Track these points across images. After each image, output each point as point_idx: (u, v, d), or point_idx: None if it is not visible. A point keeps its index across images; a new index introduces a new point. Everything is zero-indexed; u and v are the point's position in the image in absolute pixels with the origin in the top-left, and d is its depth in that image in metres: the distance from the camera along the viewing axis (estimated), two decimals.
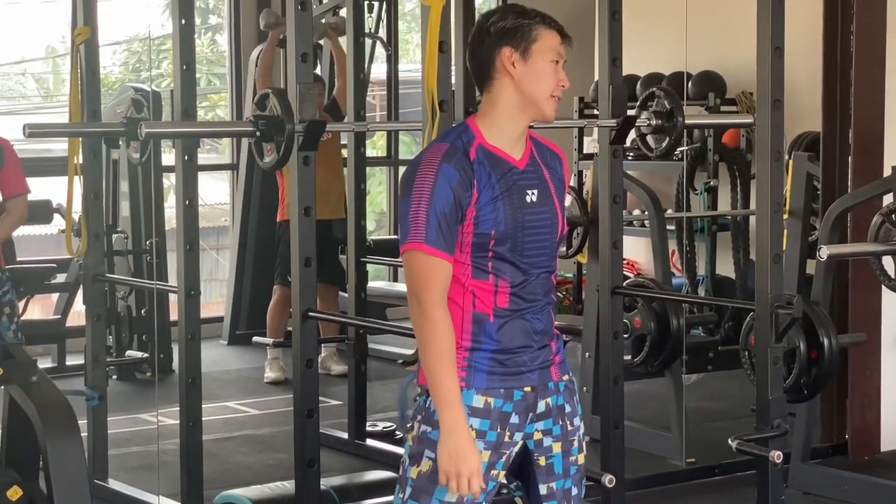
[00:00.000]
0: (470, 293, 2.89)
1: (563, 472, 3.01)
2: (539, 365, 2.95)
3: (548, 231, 2.94)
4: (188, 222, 4.73)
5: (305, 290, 4.35)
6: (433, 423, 2.88)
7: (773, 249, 4.36)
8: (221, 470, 5.70)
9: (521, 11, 2.93)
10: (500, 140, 2.91)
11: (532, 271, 2.92)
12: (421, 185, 2.82)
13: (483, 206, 2.85)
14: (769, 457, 4.23)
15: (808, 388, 4.92)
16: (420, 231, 2.81)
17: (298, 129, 4.17)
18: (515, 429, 2.93)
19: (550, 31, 2.91)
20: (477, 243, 2.86)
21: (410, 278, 2.85)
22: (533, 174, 2.94)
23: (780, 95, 4.33)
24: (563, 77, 2.93)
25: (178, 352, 4.83)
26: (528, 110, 2.93)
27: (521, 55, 2.89)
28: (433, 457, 2.87)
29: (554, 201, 2.97)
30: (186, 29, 4.71)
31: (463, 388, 2.86)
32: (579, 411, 3.06)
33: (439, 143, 2.89)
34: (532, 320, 2.93)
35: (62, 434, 3.26)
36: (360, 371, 6.03)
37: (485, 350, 2.90)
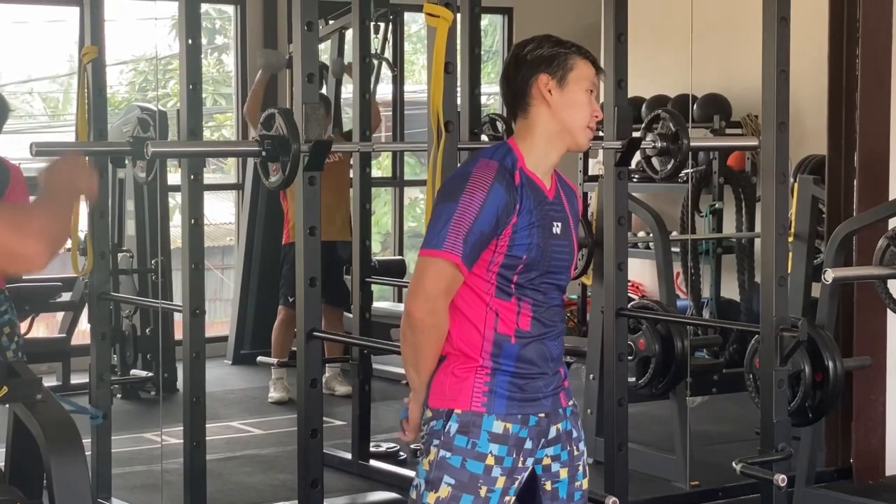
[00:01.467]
0: (493, 312, 2.92)
1: (567, 498, 3.02)
2: (552, 391, 2.98)
3: (566, 263, 3.00)
4: (193, 241, 4.74)
5: (310, 310, 4.35)
6: (453, 449, 2.90)
7: (777, 272, 4.36)
8: (225, 490, 5.70)
9: (558, 41, 2.98)
10: (536, 167, 2.96)
11: (550, 299, 2.97)
12: (470, 199, 2.85)
13: (520, 230, 2.88)
14: (773, 480, 4.22)
15: (812, 411, 4.91)
16: (458, 245, 2.84)
17: (304, 149, 4.18)
18: (528, 454, 2.94)
19: (586, 61, 2.97)
20: (506, 264, 2.90)
21: (431, 283, 2.86)
22: (559, 206, 2.99)
23: (786, 118, 4.34)
24: (597, 108, 2.98)
25: (183, 371, 4.83)
26: (563, 137, 2.96)
27: (557, 83, 2.93)
28: (452, 483, 2.89)
29: (572, 235, 3.02)
30: (193, 49, 4.72)
31: (483, 413, 2.89)
32: (583, 435, 3.09)
33: (489, 159, 2.91)
34: (550, 346, 2.97)
35: (66, 452, 3.26)
36: (365, 391, 6.02)
37: (505, 372, 2.92)
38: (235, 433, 6.89)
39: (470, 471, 2.89)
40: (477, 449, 2.89)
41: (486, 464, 2.89)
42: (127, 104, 9.67)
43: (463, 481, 2.89)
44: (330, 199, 6.67)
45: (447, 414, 2.91)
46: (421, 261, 2.88)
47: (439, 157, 3.83)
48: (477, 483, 2.89)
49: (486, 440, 2.88)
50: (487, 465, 2.89)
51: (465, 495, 2.89)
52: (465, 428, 2.90)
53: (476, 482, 2.89)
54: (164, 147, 4.91)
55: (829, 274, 4.83)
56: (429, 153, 3.91)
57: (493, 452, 2.89)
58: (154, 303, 6.77)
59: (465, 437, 2.90)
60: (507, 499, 2.93)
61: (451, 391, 2.93)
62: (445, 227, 2.84)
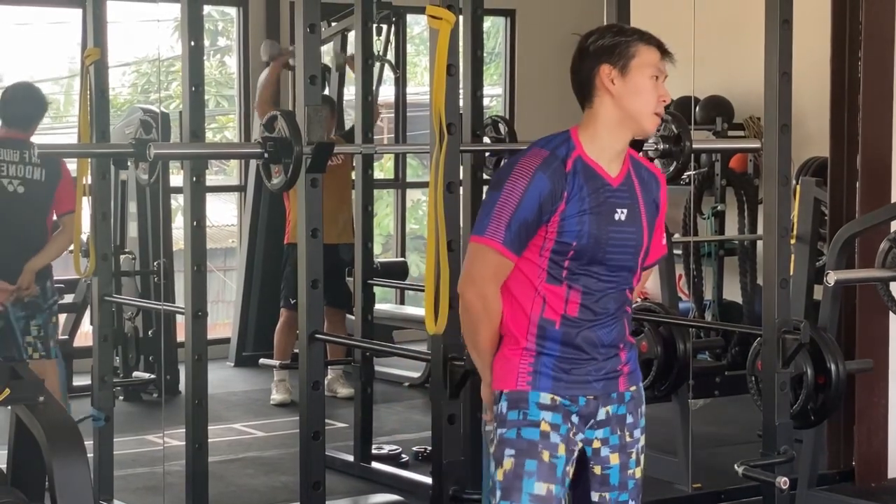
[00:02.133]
0: (541, 297, 2.96)
1: (620, 485, 3.05)
2: (604, 375, 3.00)
3: (631, 250, 2.99)
4: (196, 243, 4.74)
5: (312, 312, 4.35)
6: (507, 423, 2.96)
7: (780, 274, 4.36)
8: (227, 492, 5.69)
9: (620, 30, 3.00)
10: (599, 154, 2.97)
11: (608, 287, 2.97)
12: (513, 187, 2.91)
13: (569, 216, 2.91)
14: (776, 483, 4.21)
15: (814, 413, 4.90)
16: (500, 230, 2.91)
17: (306, 151, 4.18)
18: (578, 429, 2.98)
19: (649, 47, 2.97)
20: (557, 250, 2.93)
21: (478, 268, 2.95)
22: (625, 193, 2.99)
23: (788, 120, 4.33)
24: (664, 92, 2.98)
25: (185, 373, 4.83)
26: (628, 125, 2.98)
27: (619, 72, 2.95)
28: (512, 453, 2.95)
29: (642, 222, 3.01)
30: (196, 51, 4.73)
31: (529, 390, 2.95)
32: (642, 424, 3.09)
33: (540, 148, 2.97)
34: (599, 333, 2.98)
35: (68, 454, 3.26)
36: (367, 394, 6.02)
37: (549, 356, 2.96)
38: (238, 435, 6.89)
39: (527, 438, 2.95)
40: (529, 417, 2.95)
41: (542, 430, 2.95)
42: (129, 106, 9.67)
43: (522, 448, 2.95)
44: (332, 201, 6.67)
45: (498, 395, 3.00)
46: (469, 246, 2.98)
47: (441, 159, 3.83)
48: (537, 448, 2.94)
49: (536, 409, 2.95)
50: (543, 430, 2.95)
51: (528, 461, 2.94)
52: (514, 404, 2.97)
53: (536, 447, 2.94)
54: (167, 149, 4.92)
55: (831, 276, 4.83)
56: (431, 155, 3.91)
57: (545, 419, 2.95)
58: (156, 305, 6.76)
59: (515, 411, 2.97)
60: (569, 469, 2.98)
61: (501, 372, 3.01)
62: (489, 214, 2.93)
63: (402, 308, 9.09)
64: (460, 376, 3.92)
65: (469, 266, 2.97)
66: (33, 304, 5.63)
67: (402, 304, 9.42)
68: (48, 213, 5.71)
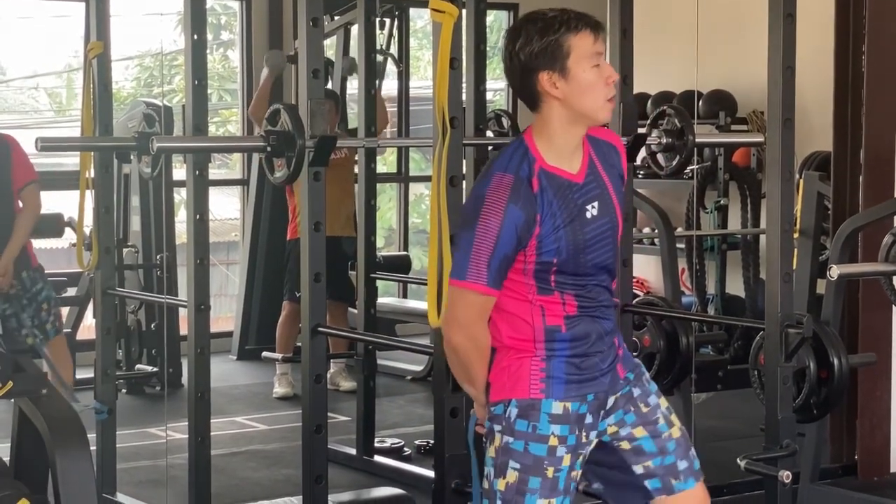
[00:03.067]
0: (538, 307, 2.93)
1: (660, 451, 3.04)
2: (609, 367, 2.99)
3: (609, 238, 2.96)
4: (199, 236, 4.74)
5: (315, 306, 4.35)
6: (515, 434, 2.92)
7: (783, 268, 4.35)
8: (229, 485, 5.70)
9: (543, 26, 2.83)
10: (558, 158, 2.90)
11: (595, 278, 2.96)
12: (486, 224, 2.82)
13: (545, 236, 2.86)
14: (778, 476, 4.21)
15: (817, 407, 4.90)
16: (482, 273, 2.83)
17: (309, 144, 4.18)
18: (590, 428, 2.97)
19: (579, 34, 2.82)
20: (539, 269, 2.90)
21: (462, 312, 2.88)
22: (592, 184, 2.93)
23: (791, 114, 4.33)
24: (609, 73, 2.86)
25: (188, 366, 4.83)
26: (580, 122, 2.90)
27: (560, 75, 2.83)
28: (518, 467, 2.92)
29: (614, 204, 2.97)
30: (198, 44, 4.72)
31: (542, 399, 2.91)
32: (652, 389, 3.08)
33: (503, 173, 2.85)
34: (601, 320, 2.98)
35: (71, 447, 3.26)
36: (369, 387, 6.02)
37: (560, 356, 2.93)
38: (240, 428, 6.89)
39: (533, 454, 2.92)
40: (538, 432, 2.91)
41: (550, 445, 2.92)
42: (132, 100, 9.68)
43: (528, 464, 2.92)
44: (335, 195, 6.67)
45: (507, 402, 2.94)
46: (450, 290, 2.90)
47: (444, 153, 3.83)
48: (542, 465, 2.91)
49: (547, 422, 2.91)
50: (551, 446, 2.92)
51: (531, 478, 2.91)
52: (524, 413, 2.92)
53: (541, 464, 2.91)
54: (170, 142, 4.91)
55: (834, 270, 4.82)
56: (434, 149, 3.91)
57: (555, 433, 2.91)
58: (159, 298, 6.77)
59: (525, 422, 2.92)
60: (574, 474, 2.96)
61: (509, 382, 2.95)
62: (467, 256, 2.84)
63: (404, 302, 9.11)
64: None
65: (453, 310, 2.89)
66: (15, 299, 5.60)
67: (404, 298, 9.43)
68: (12, 195, 5.64)
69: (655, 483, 3.06)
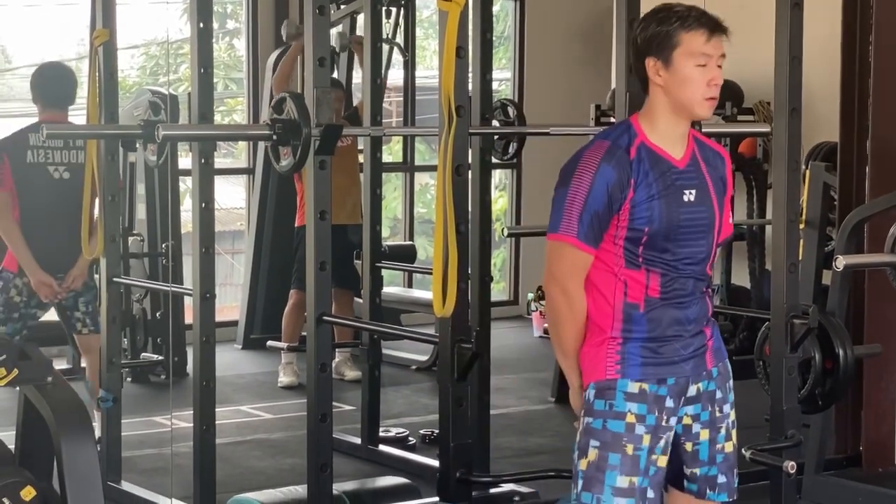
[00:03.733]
0: (622, 282, 2.97)
1: (709, 460, 3.08)
2: (692, 353, 3.01)
3: (704, 229, 3.01)
4: (204, 225, 4.74)
5: (320, 294, 4.35)
6: (594, 413, 2.98)
7: (788, 259, 4.35)
8: (234, 474, 5.71)
9: (663, 17, 2.96)
10: (661, 139, 2.98)
11: (685, 267, 2.99)
12: (580, 181, 2.92)
13: (638, 203, 2.92)
14: (783, 467, 4.21)
15: (822, 398, 4.90)
16: (573, 225, 2.92)
17: (315, 133, 4.18)
18: (671, 413, 3.00)
19: (691, 33, 2.94)
20: (630, 237, 2.95)
21: (556, 265, 2.97)
22: (692, 174, 3.00)
23: (798, 104, 4.32)
24: (714, 76, 2.96)
25: (193, 355, 4.83)
26: (681, 113, 2.99)
27: (663, 64, 2.95)
28: (598, 445, 2.97)
29: (712, 200, 3.03)
30: (204, 32, 4.72)
31: (617, 379, 2.96)
32: (730, 398, 3.12)
33: (602, 140, 2.98)
34: (684, 309, 2.99)
35: (76, 435, 3.27)
36: (374, 376, 6.03)
37: (636, 339, 2.97)
38: (245, 417, 6.90)
39: (612, 430, 2.96)
40: (615, 409, 2.96)
41: (627, 422, 2.96)
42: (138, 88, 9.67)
43: (607, 441, 2.97)
44: (341, 183, 6.66)
45: (586, 386, 3.01)
46: (547, 246, 3.00)
47: (450, 142, 3.83)
48: (621, 441, 2.96)
49: (623, 399, 2.96)
50: (629, 423, 2.96)
51: (611, 454, 2.96)
52: (601, 392, 2.98)
53: (620, 440, 2.96)
54: (176, 130, 4.91)
55: (840, 261, 4.82)
56: (440, 138, 3.90)
57: (632, 411, 2.95)
58: (164, 286, 6.77)
59: (602, 401, 2.98)
60: (655, 457, 2.99)
61: (588, 368, 3.01)
62: (560, 210, 2.94)
63: (409, 291, 9.11)
64: (468, 359, 3.91)
65: (549, 264, 2.99)
66: None
67: (410, 287, 9.43)
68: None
69: (692, 486, 3.12)
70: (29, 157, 5.52)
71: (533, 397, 7.41)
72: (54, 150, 5.54)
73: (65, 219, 5.56)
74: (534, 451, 6.24)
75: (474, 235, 5.29)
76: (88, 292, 5.73)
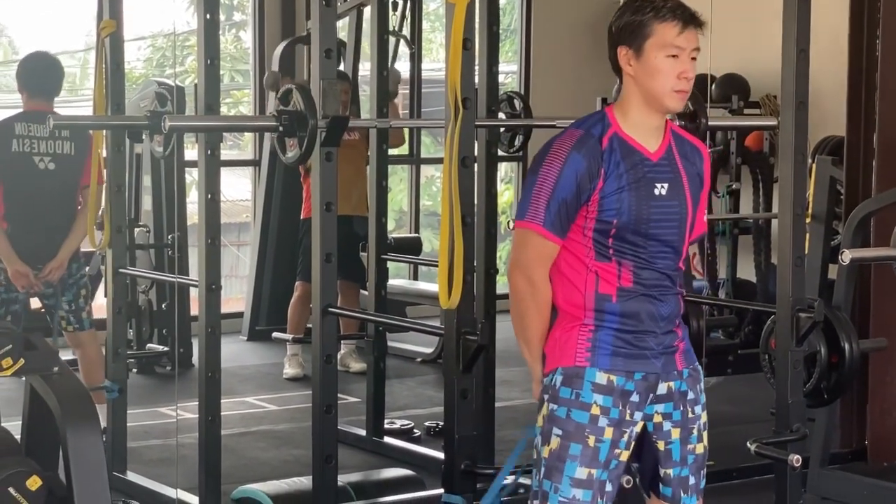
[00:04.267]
0: (593, 273, 2.96)
1: (681, 461, 3.07)
2: (663, 350, 2.99)
3: (675, 224, 2.98)
4: (210, 216, 4.74)
5: (326, 286, 4.35)
6: (559, 401, 2.96)
7: (794, 252, 4.34)
8: (239, 465, 5.72)
9: (638, 6, 2.94)
10: (635, 131, 2.96)
11: (655, 261, 2.97)
12: (548, 169, 2.91)
13: (607, 194, 2.91)
14: (788, 461, 4.21)
15: (828, 392, 4.89)
16: (539, 213, 2.91)
17: (321, 124, 4.17)
18: (635, 407, 2.97)
19: (665, 23, 2.90)
20: (599, 229, 2.93)
21: (521, 253, 2.96)
22: (666, 167, 2.98)
23: (805, 98, 4.31)
24: (686, 69, 2.92)
25: (199, 346, 4.84)
26: (652, 104, 2.97)
27: (634, 53, 2.93)
28: (560, 433, 2.95)
29: (686, 195, 3.00)
30: (211, 24, 4.72)
31: (586, 367, 2.94)
32: (702, 400, 3.10)
33: (575, 129, 2.96)
34: (657, 304, 2.97)
35: (82, 425, 3.27)
36: (379, 368, 6.03)
37: (608, 328, 2.95)
38: (250, 409, 6.91)
39: (575, 420, 2.95)
40: (581, 399, 2.95)
41: (592, 413, 2.94)
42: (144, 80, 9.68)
43: (569, 431, 2.95)
44: (347, 175, 6.66)
45: (553, 370, 2.98)
46: (514, 233, 2.99)
47: (456, 134, 3.83)
48: (583, 432, 2.94)
49: (590, 390, 2.94)
50: (593, 414, 2.94)
51: (573, 444, 2.95)
52: (568, 380, 2.96)
53: (582, 431, 2.94)
54: (182, 121, 4.91)
55: (846, 255, 4.81)
56: (446, 129, 3.90)
57: (597, 402, 2.94)
58: (170, 277, 6.77)
59: (568, 389, 2.96)
60: (618, 451, 2.97)
61: (558, 352, 2.99)
62: (528, 198, 2.93)
63: (415, 284, 9.10)
64: (473, 351, 3.91)
65: (514, 251, 2.98)
66: (59, 282, 5.62)
67: (415, 280, 9.43)
68: (77, 189, 5.67)
69: (667, 490, 3.10)
70: (14, 146, 5.50)
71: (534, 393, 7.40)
72: (39, 140, 5.50)
73: (48, 210, 5.54)
74: None
75: (480, 228, 5.29)
76: (69, 290, 5.69)
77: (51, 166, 5.55)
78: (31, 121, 5.49)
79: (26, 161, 5.50)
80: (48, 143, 5.52)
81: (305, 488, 4.63)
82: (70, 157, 5.54)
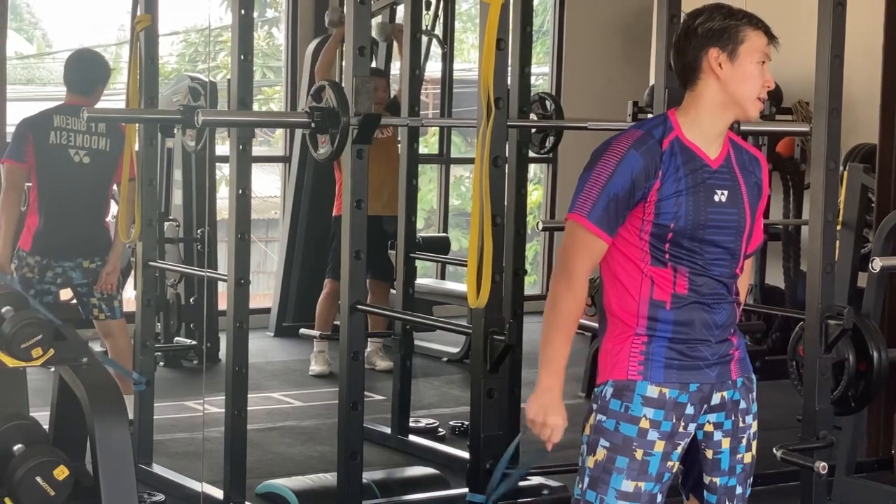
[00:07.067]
0: (648, 279, 2.93)
1: (729, 470, 3.04)
2: (718, 360, 2.97)
3: (733, 232, 2.97)
4: (241, 211, 4.76)
5: (355, 283, 4.36)
6: (608, 413, 2.95)
7: (825, 259, 4.33)
8: (264, 460, 5.73)
9: (728, 12, 2.96)
10: (698, 137, 2.95)
11: (712, 269, 2.95)
12: (604, 164, 2.89)
13: (665, 197, 2.89)
14: (814, 468, 4.20)
15: (855, 400, 4.88)
16: (587, 206, 2.89)
17: (353, 121, 4.19)
18: (690, 419, 2.96)
19: (757, 31, 2.95)
20: (655, 233, 2.91)
21: (566, 245, 2.94)
22: (726, 175, 2.97)
23: (838, 105, 4.29)
24: (769, 78, 2.96)
25: (226, 341, 4.85)
26: (731, 109, 2.96)
27: (728, 56, 2.93)
28: (607, 445, 2.94)
29: (744, 204, 2.99)
30: (246, 20, 4.73)
31: (639, 380, 2.92)
32: (754, 409, 3.07)
33: (636, 129, 2.96)
34: (712, 312, 2.95)
35: (110, 416, 3.29)
36: (406, 367, 6.04)
37: (661, 338, 2.93)
38: (276, 404, 6.93)
39: (623, 433, 2.93)
40: (630, 412, 2.92)
41: (641, 427, 2.92)
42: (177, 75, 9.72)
43: (617, 444, 2.94)
44: (379, 174, 6.67)
45: (605, 382, 2.97)
46: (566, 226, 2.97)
47: (488, 133, 3.83)
48: (631, 445, 2.92)
49: (640, 404, 2.91)
50: (641, 427, 2.92)
51: (619, 457, 2.93)
52: (619, 393, 2.94)
53: (630, 444, 2.93)
54: (215, 115, 4.93)
55: (876, 263, 4.79)
56: (478, 129, 3.91)
57: (647, 416, 2.91)
58: (199, 271, 6.80)
59: (618, 402, 2.94)
60: (670, 464, 2.95)
61: (610, 364, 2.97)
62: (580, 191, 2.91)
63: (443, 283, 9.10)
64: (500, 351, 3.92)
65: (563, 241, 2.97)
66: (93, 271, 5.66)
67: (443, 279, 9.44)
68: (109, 186, 5.71)
69: (712, 498, 3.07)
70: (52, 137, 5.54)
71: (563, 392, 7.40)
72: (77, 133, 5.54)
73: (82, 203, 5.58)
74: (563, 446, 6.14)
75: (509, 228, 5.29)
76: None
77: (86, 160, 5.58)
78: (69, 114, 5.53)
79: (62, 153, 5.54)
80: (84, 136, 5.55)
81: (330, 484, 4.65)
82: (105, 152, 5.57)
